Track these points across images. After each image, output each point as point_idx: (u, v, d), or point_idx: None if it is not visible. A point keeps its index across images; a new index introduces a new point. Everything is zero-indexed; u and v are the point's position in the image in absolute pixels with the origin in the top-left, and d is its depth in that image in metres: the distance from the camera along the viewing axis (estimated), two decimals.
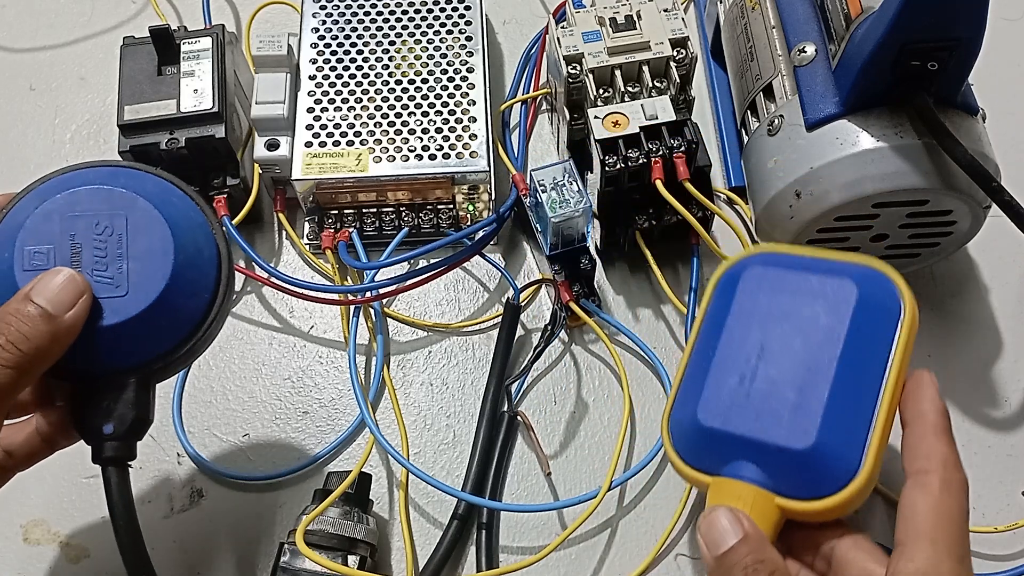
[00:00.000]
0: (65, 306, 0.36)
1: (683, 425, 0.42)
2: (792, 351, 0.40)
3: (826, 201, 0.47)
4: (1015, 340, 0.55)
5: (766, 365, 0.40)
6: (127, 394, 0.39)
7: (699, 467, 0.41)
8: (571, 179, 0.51)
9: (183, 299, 0.39)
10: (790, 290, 0.41)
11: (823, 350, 0.39)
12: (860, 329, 0.40)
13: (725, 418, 0.40)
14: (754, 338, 0.41)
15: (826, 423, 0.38)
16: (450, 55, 0.58)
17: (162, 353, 0.39)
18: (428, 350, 0.56)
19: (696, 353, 0.43)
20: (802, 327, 0.40)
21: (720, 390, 0.40)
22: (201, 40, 0.55)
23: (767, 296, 0.42)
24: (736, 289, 0.42)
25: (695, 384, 0.42)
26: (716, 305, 0.43)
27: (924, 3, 0.41)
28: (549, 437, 0.53)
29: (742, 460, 0.39)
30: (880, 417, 0.39)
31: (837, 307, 0.40)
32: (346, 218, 0.57)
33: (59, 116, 0.64)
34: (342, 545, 0.45)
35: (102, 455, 0.39)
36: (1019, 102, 0.62)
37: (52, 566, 0.49)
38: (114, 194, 0.39)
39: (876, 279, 0.41)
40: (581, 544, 0.50)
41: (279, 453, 0.52)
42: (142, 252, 0.38)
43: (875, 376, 0.40)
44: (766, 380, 0.40)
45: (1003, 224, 0.47)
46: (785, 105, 0.50)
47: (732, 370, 0.40)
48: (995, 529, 0.49)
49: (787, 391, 0.39)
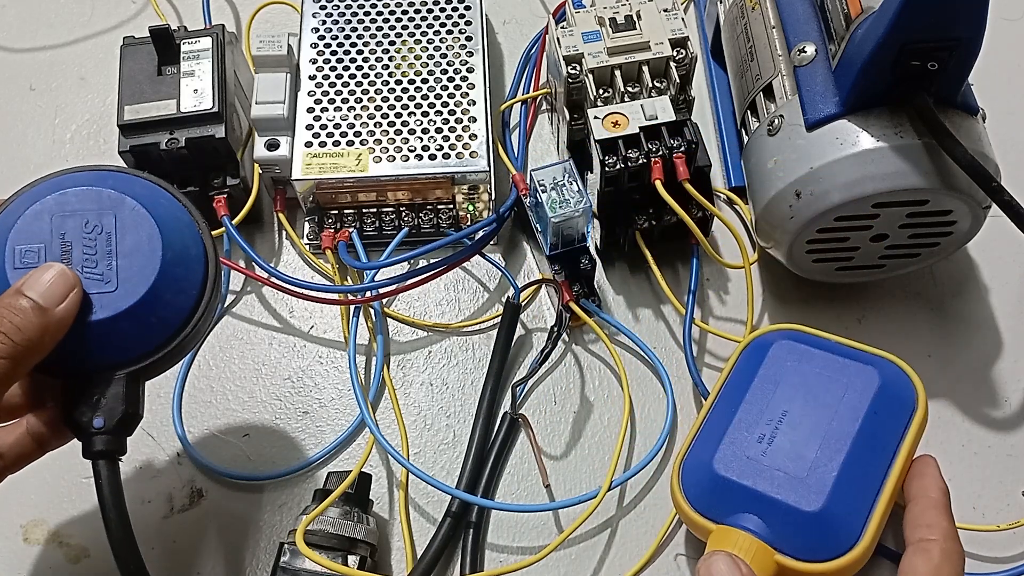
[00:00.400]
0: (56, 299, 0.37)
1: (696, 471, 0.44)
2: (813, 421, 0.43)
3: (826, 201, 0.47)
4: (1015, 340, 0.55)
5: (787, 429, 0.43)
6: (117, 389, 0.39)
7: (705, 513, 0.43)
8: (571, 179, 0.51)
9: (171, 295, 0.40)
10: (817, 366, 0.46)
11: (842, 425, 0.43)
12: (877, 414, 0.43)
13: (740, 471, 0.43)
14: (778, 402, 0.44)
15: (836, 492, 0.41)
16: (450, 55, 0.58)
17: (151, 348, 0.40)
18: (428, 350, 0.56)
19: (717, 408, 0.46)
20: (825, 401, 0.44)
21: (739, 444, 0.43)
22: (201, 40, 0.55)
23: (795, 367, 0.46)
24: (765, 356, 0.46)
25: (713, 436, 0.44)
26: (742, 367, 0.47)
27: (924, 3, 0.41)
28: (549, 437, 0.53)
29: (749, 513, 0.42)
30: (884, 495, 0.42)
31: (860, 390, 0.44)
32: (346, 218, 0.57)
33: (59, 116, 0.64)
34: (342, 545, 0.45)
35: (92, 449, 0.39)
36: (1019, 102, 0.62)
37: (52, 566, 0.49)
38: (103, 194, 0.40)
39: (897, 374, 0.45)
40: (581, 544, 0.50)
41: (279, 453, 0.52)
42: (131, 249, 0.39)
43: (884, 458, 0.43)
44: (785, 443, 0.43)
45: (1003, 224, 0.47)
46: (785, 105, 0.50)
47: (753, 428, 0.44)
48: (997, 527, 0.49)
49: (803, 456, 0.42)
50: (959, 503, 0.50)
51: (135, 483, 0.51)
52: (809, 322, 0.55)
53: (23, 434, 0.41)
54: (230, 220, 0.54)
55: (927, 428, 0.46)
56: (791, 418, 0.44)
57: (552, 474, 0.52)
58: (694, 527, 0.44)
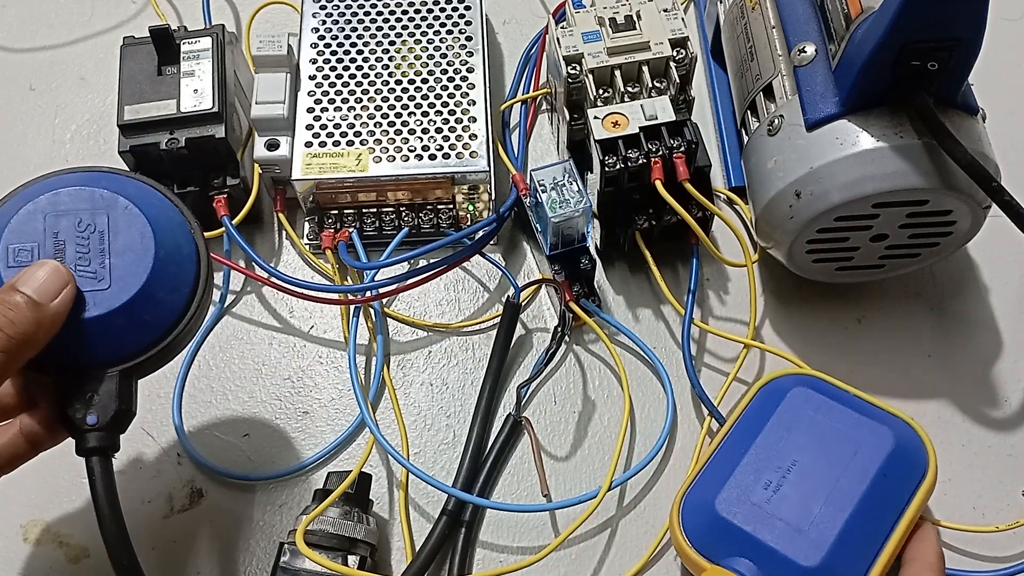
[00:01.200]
0: (50, 295, 0.38)
1: (698, 508, 0.44)
2: (821, 475, 0.43)
3: (826, 201, 0.47)
4: (1015, 340, 0.55)
5: (794, 479, 0.43)
6: (110, 386, 0.40)
7: (701, 551, 0.43)
8: (571, 179, 0.51)
9: (164, 293, 0.41)
10: (832, 419, 0.45)
11: (850, 483, 0.43)
12: (886, 475, 0.43)
13: (743, 515, 0.43)
14: (789, 450, 0.44)
15: (835, 549, 0.41)
16: (450, 55, 0.58)
17: (144, 346, 0.41)
18: (428, 350, 0.56)
19: (726, 447, 0.46)
20: (837, 456, 0.44)
21: (744, 487, 0.43)
22: (201, 40, 0.55)
23: (810, 416, 0.45)
24: (781, 402, 0.46)
25: (719, 474, 0.44)
26: (756, 409, 0.47)
27: (924, 3, 0.41)
28: (549, 437, 0.53)
29: (745, 558, 0.42)
30: (883, 557, 0.42)
31: (872, 450, 0.44)
32: (346, 218, 0.57)
33: (59, 116, 0.64)
34: (342, 545, 0.45)
35: (85, 446, 0.40)
36: (1019, 102, 0.62)
37: (52, 566, 0.49)
38: (96, 194, 0.41)
39: (911, 437, 0.46)
40: (581, 544, 0.50)
41: (279, 453, 0.52)
42: (123, 248, 0.40)
43: (888, 520, 0.43)
44: (791, 493, 0.43)
45: (1003, 224, 0.47)
46: (785, 105, 0.50)
47: (761, 473, 0.44)
48: (996, 528, 0.49)
49: (808, 509, 0.42)
50: (959, 503, 0.50)
51: (135, 483, 0.51)
52: (809, 322, 0.56)
53: (16, 434, 0.41)
54: (230, 220, 0.54)
55: (927, 429, 0.46)
56: (800, 468, 0.44)
57: (552, 474, 0.52)
58: (688, 562, 0.44)
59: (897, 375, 0.54)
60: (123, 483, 0.51)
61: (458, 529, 0.49)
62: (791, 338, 0.55)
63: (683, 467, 0.52)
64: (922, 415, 0.53)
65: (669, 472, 0.52)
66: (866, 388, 0.47)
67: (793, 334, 0.55)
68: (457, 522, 0.49)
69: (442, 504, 0.50)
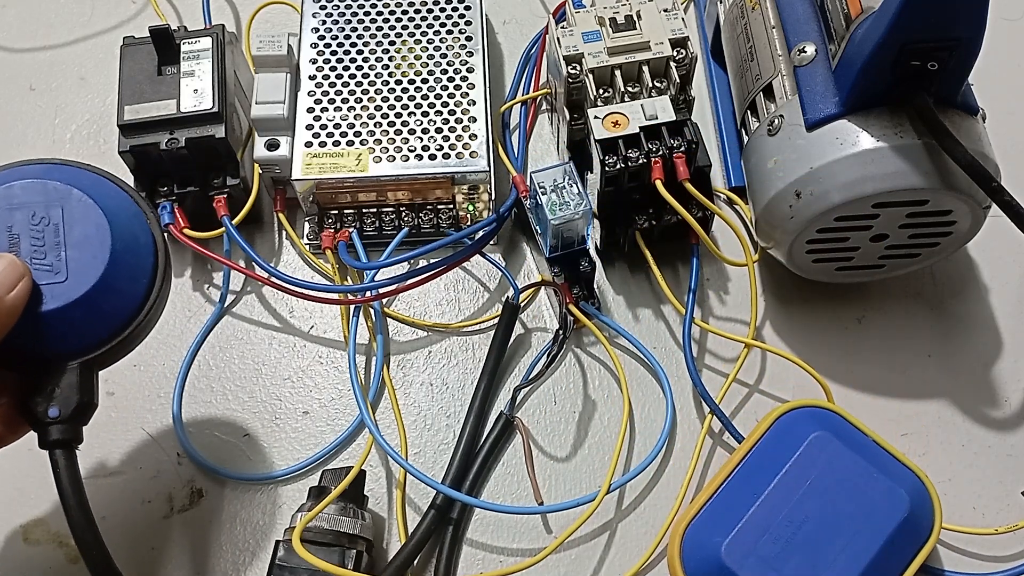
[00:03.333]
0: (5, 288, 0.37)
1: (702, 545, 0.44)
2: (832, 536, 0.43)
3: (826, 201, 0.47)
4: (1015, 340, 0.55)
5: (805, 536, 0.43)
6: (71, 378, 0.40)
7: None
8: (571, 181, 0.51)
9: (122, 283, 0.41)
10: (851, 473, 0.45)
11: (859, 548, 0.43)
12: (897, 538, 0.44)
13: (751, 568, 0.42)
14: (803, 505, 0.44)
15: None
16: (450, 55, 0.58)
17: (104, 337, 0.41)
18: (428, 350, 0.56)
19: (736, 482, 0.46)
20: (849, 517, 0.44)
21: (752, 537, 0.43)
22: (201, 40, 0.55)
23: (828, 471, 0.45)
24: (801, 447, 0.45)
25: (728, 513, 0.44)
26: (772, 445, 0.47)
27: (924, 3, 0.41)
28: (548, 438, 0.53)
29: None
30: None
31: (886, 514, 0.44)
32: (346, 218, 0.57)
33: (59, 116, 0.64)
34: (340, 541, 0.46)
35: (48, 439, 0.40)
36: (1019, 102, 0.62)
37: (52, 566, 0.49)
38: (49, 186, 0.40)
39: (922, 496, 0.46)
40: (580, 546, 0.50)
41: (279, 453, 0.52)
42: (79, 240, 0.40)
43: None
44: (800, 549, 0.43)
45: (1003, 224, 0.47)
46: (785, 105, 0.50)
47: (772, 524, 0.43)
48: (995, 531, 0.49)
49: (815, 571, 0.42)
50: (959, 503, 0.50)
51: (135, 483, 0.51)
52: (809, 322, 0.56)
53: None
54: (230, 220, 0.54)
55: (927, 429, 0.46)
56: (811, 526, 0.43)
57: (551, 475, 0.52)
58: None
59: (897, 375, 0.54)
60: (123, 483, 0.51)
61: (445, 526, 0.49)
62: (791, 338, 0.55)
63: (683, 467, 0.52)
64: (922, 415, 0.53)
65: (668, 474, 0.52)
66: (866, 388, 0.47)
67: (793, 334, 0.55)
68: (445, 518, 0.49)
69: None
